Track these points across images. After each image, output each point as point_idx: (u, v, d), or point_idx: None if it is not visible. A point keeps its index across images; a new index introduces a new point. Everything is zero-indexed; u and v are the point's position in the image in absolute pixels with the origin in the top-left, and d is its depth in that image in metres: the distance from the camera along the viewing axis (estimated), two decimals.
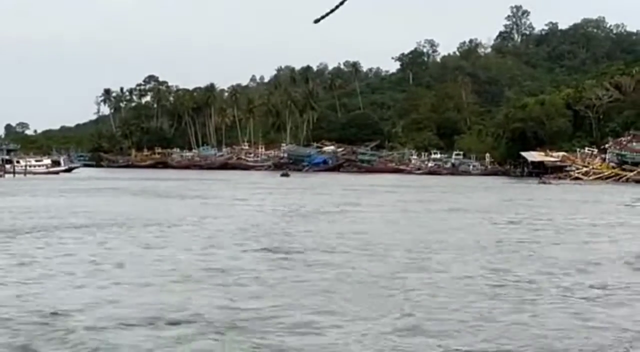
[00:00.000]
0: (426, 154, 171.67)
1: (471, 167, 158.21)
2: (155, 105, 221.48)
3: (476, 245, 28.64)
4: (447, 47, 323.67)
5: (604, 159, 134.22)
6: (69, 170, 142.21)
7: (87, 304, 15.58)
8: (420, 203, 58.56)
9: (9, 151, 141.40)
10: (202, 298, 16.48)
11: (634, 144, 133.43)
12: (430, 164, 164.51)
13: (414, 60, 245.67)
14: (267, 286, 18.47)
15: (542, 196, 71.80)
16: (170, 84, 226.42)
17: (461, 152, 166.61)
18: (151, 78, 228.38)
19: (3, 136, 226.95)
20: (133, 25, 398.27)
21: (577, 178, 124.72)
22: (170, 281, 19.13)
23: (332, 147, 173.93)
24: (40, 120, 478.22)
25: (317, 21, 7.38)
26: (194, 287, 18.15)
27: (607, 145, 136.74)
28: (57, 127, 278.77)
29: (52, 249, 26.30)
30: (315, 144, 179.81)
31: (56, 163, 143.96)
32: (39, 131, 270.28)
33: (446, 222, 40.16)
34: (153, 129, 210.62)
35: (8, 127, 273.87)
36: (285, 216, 43.78)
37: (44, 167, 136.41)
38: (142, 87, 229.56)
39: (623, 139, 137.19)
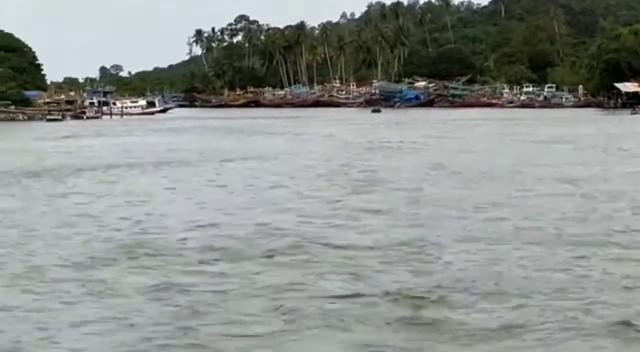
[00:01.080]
0: (518, 87, 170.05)
1: (564, 99, 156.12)
2: (246, 45, 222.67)
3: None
4: None
5: None
6: (164, 110, 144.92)
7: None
8: (505, 135, 59.22)
9: (105, 93, 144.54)
10: (288, 217, 19.72)
11: None
12: (522, 98, 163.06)
13: None
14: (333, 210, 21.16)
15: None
16: (261, 23, 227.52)
17: (553, 85, 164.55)
18: (242, 18, 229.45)
19: (98, 79, 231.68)
20: None
21: None
22: (264, 203, 22.80)
23: (423, 83, 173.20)
24: (134, 62, 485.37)
25: None
26: (280, 210, 21.35)
27: None
28: (150, 68, 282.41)
29: (173, 180, 30.63)
30: (406, 80, 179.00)
31: (151, 104, 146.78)
32: (132, 73, 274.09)
33: (526, 152, 41.37)
34: (245, 68, 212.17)
35: (102, 70, 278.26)
36: (373, 148, 45.54)
37: (140, 108, 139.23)
38: (233, 26, 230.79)
39: None
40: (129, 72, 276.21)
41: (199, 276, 13.65)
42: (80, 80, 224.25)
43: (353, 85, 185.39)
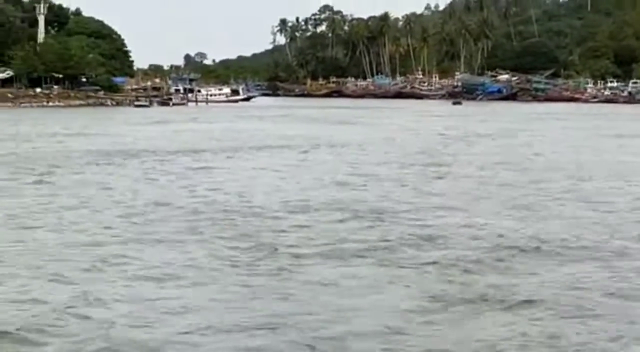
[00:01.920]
0: (602, 82, 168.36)
1: None
2: (330, 35, 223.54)
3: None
4: None
5: None
6: (247, 99, 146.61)
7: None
8: (584, 130, 59.82)
9: (190, 81, 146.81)
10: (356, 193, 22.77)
11: None
12: (606, 93, 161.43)
13: None
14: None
15: None
16: (345, 13, 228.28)
17: (638, 81, 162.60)
18: (326, 8, 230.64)
19: (183, 66, 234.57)
20: None
21: None
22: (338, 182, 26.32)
23: (506, 76, 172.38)
24: (218, 50, 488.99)
25: None
26: (350, 188, 24.90)
27: None
28: (234, 57, 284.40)
29: (271, 160, 35.51)
30: (489, 73, 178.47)
31: (235, 92, 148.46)
32: (216, 61, 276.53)
33: (602, 148, 42.57)
34: (328, 58, 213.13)
35: (187, 57, 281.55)
36: (448, 138, 47.28)
37: (224, 96, 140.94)
38: (317, 16, 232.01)
39: None
40: (213, 60, 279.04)
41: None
42: (165, 68, 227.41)
43: (435, 77, 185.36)
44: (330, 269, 13.88)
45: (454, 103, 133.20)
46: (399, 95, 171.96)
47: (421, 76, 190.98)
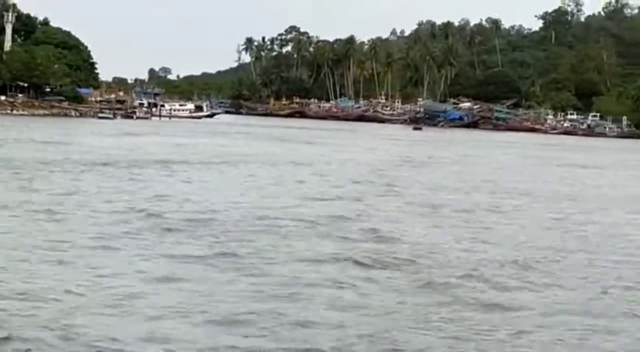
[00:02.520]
0: (562, 114, 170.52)
1: (607, 129, 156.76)
2: (295, 56, 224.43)
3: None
4: (592, 6, 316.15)
5: None
6: (211, 115, 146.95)
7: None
8: (530, 158, 62.07)
9: (155, 95, 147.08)
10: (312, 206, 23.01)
11: None
12: (565, 124, 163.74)
13: (557, 19, 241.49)
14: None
15: None
16: (311, 34, 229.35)
17: (597, 114, 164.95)
18: (292, 28, 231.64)
19: (147, 80, 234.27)
20: None
21: None
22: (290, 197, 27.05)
23: (468, 104, 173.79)
24: (183, 66, 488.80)
25: None
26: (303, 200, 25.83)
27: None
28: (198, 73, 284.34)
29: (220, 175, 36.69)
30: (451, 100, 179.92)
31: (199, 108, 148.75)
32: (180, 76, 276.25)
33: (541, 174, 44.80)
34: (292, 78, 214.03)
35: (151, 72, 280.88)
36: (400, 162, 48.92)
37: (188, 111, 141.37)
38: (284, 37, 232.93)
39: None
40: (177, 76, 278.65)
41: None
42: (129, 81, 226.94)
43: (398, 102, 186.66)
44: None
45: (415, 128, 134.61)
46: (361, 118, 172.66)
47: (384, 100, 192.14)
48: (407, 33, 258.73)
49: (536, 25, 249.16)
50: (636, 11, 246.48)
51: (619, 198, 33.60)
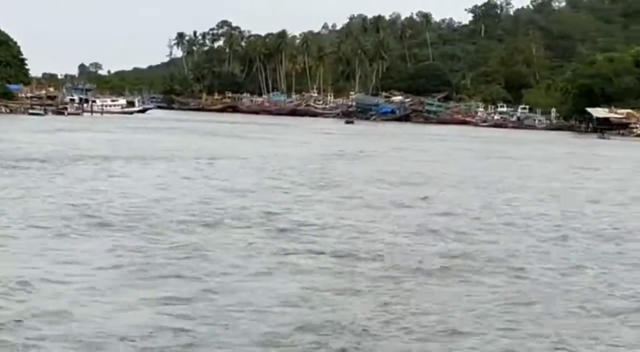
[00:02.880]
0: (493, 107, 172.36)
1: (536, 121, 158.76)
2: (227, 50, 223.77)
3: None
4: (521, 0, 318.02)
5: None
6: (143, 111, 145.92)
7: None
8: (460, 151, 63.32)
9: (86, 91, 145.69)
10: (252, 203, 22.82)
11: None
12: (496, 117, 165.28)
13: (486, 13, 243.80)
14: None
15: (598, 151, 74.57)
16: (242, 29, 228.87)
17: (527, 106, 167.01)
18: (224, 23, 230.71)
19: (77, 76, 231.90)
20: None
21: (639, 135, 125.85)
22: (223, 192, 27.20)
23: (400, 97, 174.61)
24: (113, 61, 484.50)
25: None
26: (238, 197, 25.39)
27: None
28: (129, 68, 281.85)
29: (149, 171, 36.08)
30: (383, 94, 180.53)
31: (131, 104, 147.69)
32: (111, 72, 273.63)
33: (470, 164, 45.75)
34: (224, 73, 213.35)
35: (82, 67, 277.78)
36: (332, 156, 49.42)
37: (119, 107, 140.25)
38: (215, 31, 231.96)
39: None
40: (108, 71, 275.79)
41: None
42: (60, 77, 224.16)
43: (330, 96, 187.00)
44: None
45: (347, 122, 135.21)
46: (294, 112, 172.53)
47: (316, 95, 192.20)
48: (338, 27, 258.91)
49: (466, 18, 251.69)
50: (564, 4, 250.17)
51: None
